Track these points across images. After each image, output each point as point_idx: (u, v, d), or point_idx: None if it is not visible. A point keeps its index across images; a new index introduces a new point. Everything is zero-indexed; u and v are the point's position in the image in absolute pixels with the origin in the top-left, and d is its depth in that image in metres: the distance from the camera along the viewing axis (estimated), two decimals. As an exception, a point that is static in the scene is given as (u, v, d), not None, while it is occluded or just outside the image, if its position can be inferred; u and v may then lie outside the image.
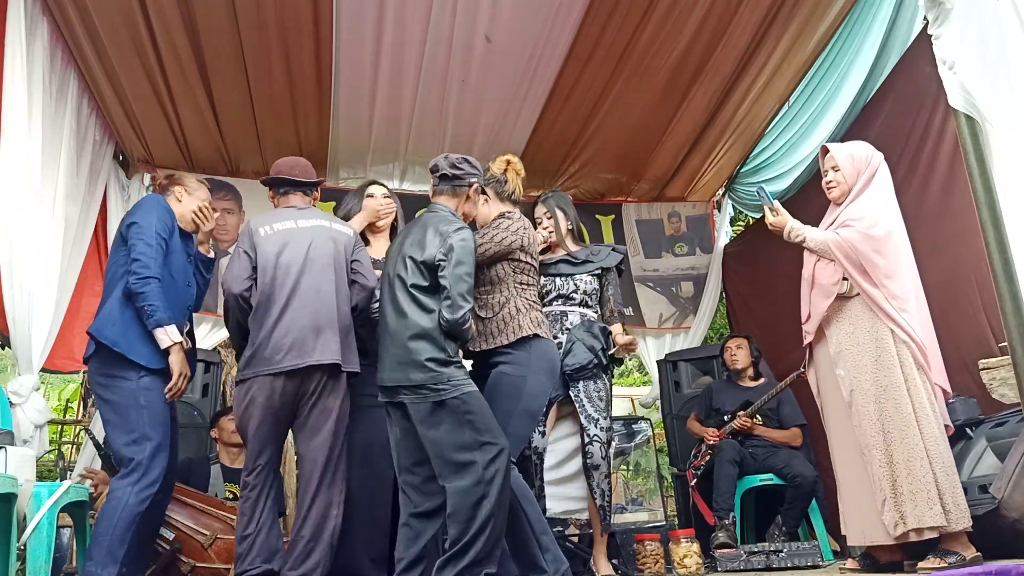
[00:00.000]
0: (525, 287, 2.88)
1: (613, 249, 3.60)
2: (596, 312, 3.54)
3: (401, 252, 2.66)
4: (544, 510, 3.24)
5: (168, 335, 2.73)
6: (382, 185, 3.43)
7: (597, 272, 3.50)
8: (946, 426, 2.81)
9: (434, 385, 2.47)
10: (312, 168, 3.23)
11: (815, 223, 3.03)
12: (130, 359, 2.71)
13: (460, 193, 2.79)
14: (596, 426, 3.32)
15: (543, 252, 3.52)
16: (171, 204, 3.04)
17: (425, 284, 2.56)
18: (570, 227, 3.59)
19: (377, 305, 2.78)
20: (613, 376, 3.56)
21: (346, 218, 3.27)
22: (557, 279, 3.48)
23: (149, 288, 2.70)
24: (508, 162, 3.08)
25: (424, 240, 2.61)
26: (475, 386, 2.55)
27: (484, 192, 3.00)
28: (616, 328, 3.45)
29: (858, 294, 2.81)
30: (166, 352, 2.74)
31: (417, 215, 3.21)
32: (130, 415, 2.70)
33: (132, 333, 2.73)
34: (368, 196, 3.33)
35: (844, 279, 2.83)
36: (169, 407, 2.82)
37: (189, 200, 3.11)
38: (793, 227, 2.97)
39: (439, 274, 2.55)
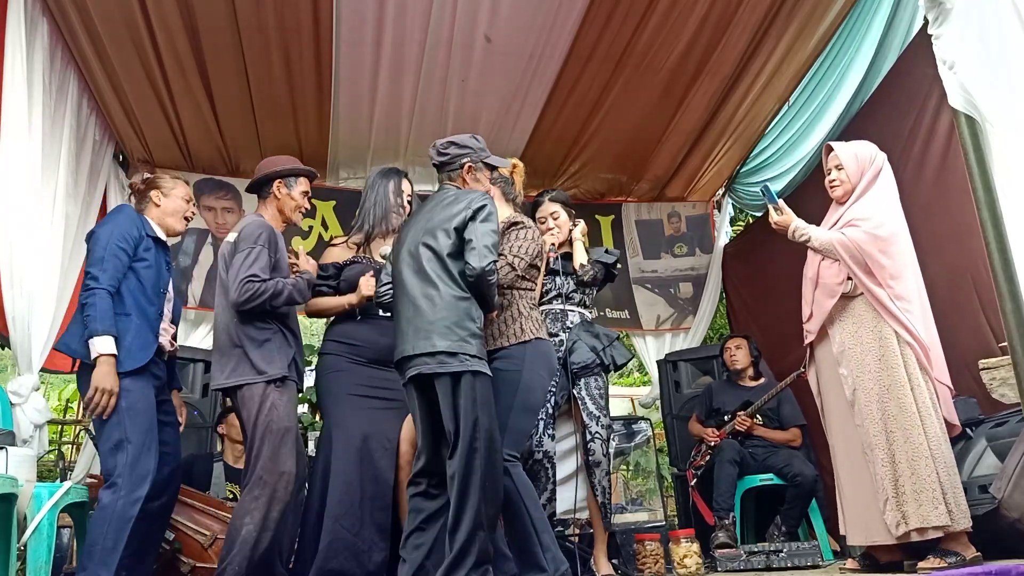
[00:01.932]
0: (526, 291, 2.90)
1: (607, 251, 3.68)
2: (592, 312, 3.58)
3: (429, 224, 2.66)
4: (554, 513, 3.25)
5: (96, 346, 2.68)
6: (410, 183, 3.37)
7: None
8: (953, 425, 2.81)
9: (458, 352, 2.48)
10: (269, 162, 3.14)
11: (814, 222, 3.03)
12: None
13: (456, 176, 2.83)
14: (597, 423, 3.33)
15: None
16: (150, 211, 3.02)
17: (457, 251, 2.59)
18: (571, 227, 3.64)
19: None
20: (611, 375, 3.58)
21: (366, 218, 3.22)
22: (557, 278, 3.49)
23: (92, 299, 2.71)
24: (514, 165, 3.12)
25: (452, 210, 2.64)
26: (489, 371, 2.56)
27: (489, 190, 3.02)
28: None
29: (861, 293, 2.81)
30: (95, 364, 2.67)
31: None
32: (110, 419, 2.68)
33: None
34: (402, 190, 3.26)
35: (848, 279, 2.83)
36: (156, 409, 2.80)
37: (168, 201, 3.05)
38: (798, 226, 2.97)
39: (465, 232, 2.58)
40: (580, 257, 3.51)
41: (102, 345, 2.68)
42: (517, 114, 4.87)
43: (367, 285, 3.05)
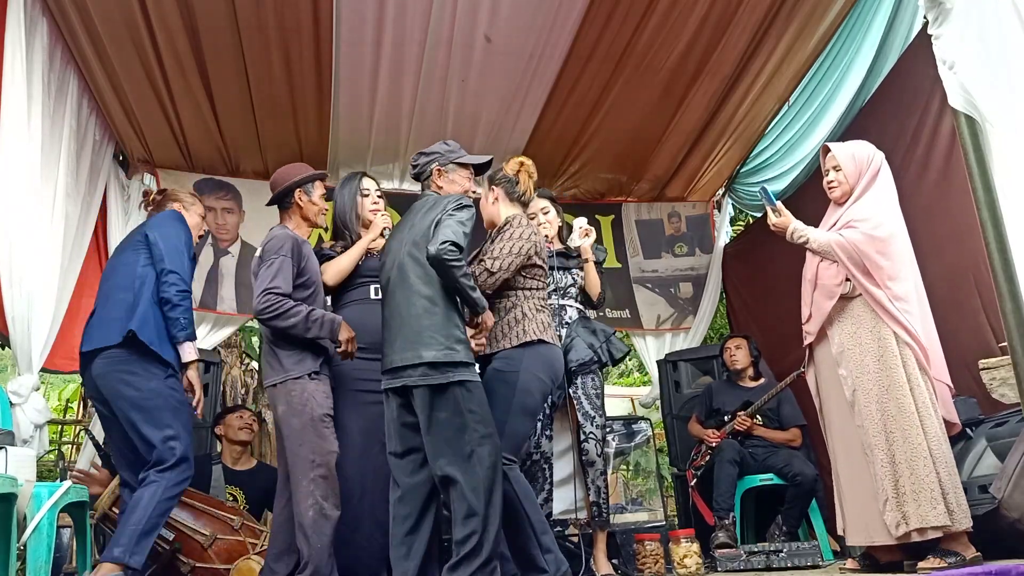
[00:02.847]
0: (534, 291, 2.87)
1: (596, 247, 3.69)
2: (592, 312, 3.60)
3: (412, 234, 2.68)
4: (550, 513, 3.25)
5: (193, 350, 2.90)
6: (372, 179, 3.40)
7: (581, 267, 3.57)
8: (952, 424, 2.81)
9: (444, 363, 2.49)
10: (285, 174, 3.17)
11: (814, 223, 3.03)
12: (163, 358, 2.83)
13: (429, 182, 2.88)
14: (592, 424, 3.33)
15: None
16: None
17: None
18: (560, 224, 3.67)
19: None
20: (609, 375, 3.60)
21: (343, 226, 3.25)
22: (555, 272, 3.48)
23: (186, 303, 2.89)
24: (521, 164, 3.08)
25: (430, 217, 2.66)
26: (478, 376, 2.57)
27: (492, 189, 3.03)
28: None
29: (860, 294, 2.81)
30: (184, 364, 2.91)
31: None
32: (164, 413, 2.81)
33: (164, 335, 2.87)
34: (364, 194, 3.29)
35: (847, 280, 2.83)
36: None
37: (188, 216, 3.16)
38: (796, 228, 2.97)
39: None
40: (595, 284, 3.54)
41: (195, 350, 2.94)
42: (517, 114, 4.87)
43: (383, 220, 3.19)
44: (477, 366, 2.67)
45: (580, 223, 3.63)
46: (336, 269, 3.13)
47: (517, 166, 3.07)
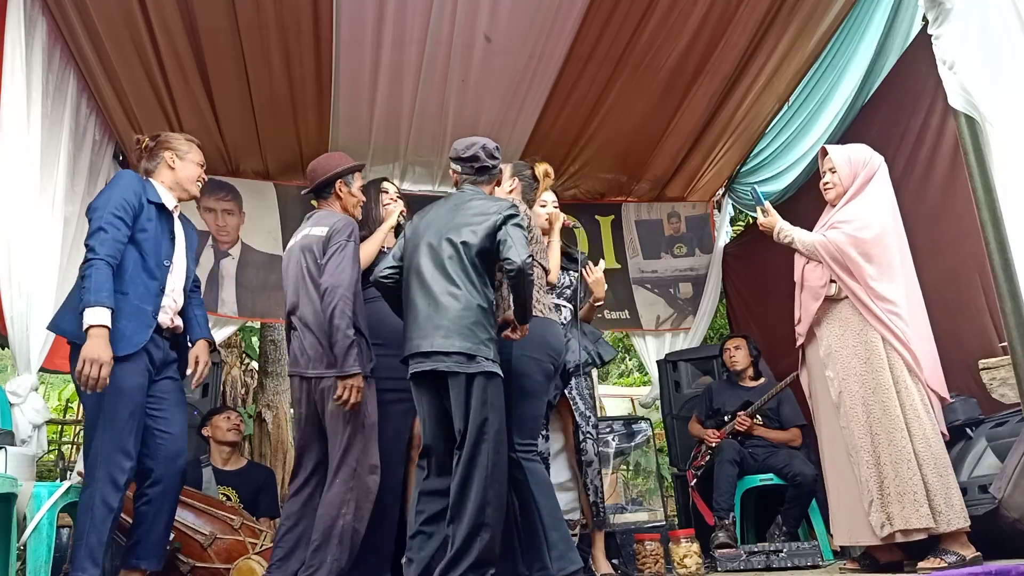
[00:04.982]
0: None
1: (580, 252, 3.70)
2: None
3: (455, 221, 2.66)
4: None
5: (87, 318, 2.46)
6: (392, 183, 3.45)
7: (578, 271, 3.56)
8: (941, 433, 2.78)
9: (475, 354, 2.49)
10: (325, 164, 3.14)
11: (814, 223, 3.03)
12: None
13: (494, 180, 2.89)
14: (588, 423, 3.35)
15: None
16: (160, 174, 2.87)
17: (482, 253, 2.60)
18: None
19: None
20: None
21: (365, 223, 3.26)
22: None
23: (89, 270, 2.51)
24: (547, 174, 3.23)
25: (483, 210, 2.65)
26: (500, 372, 2.57)
27: (514, 178, 3.12)
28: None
29: (847, 296, 2.82)
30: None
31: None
32: (92, 403, 2.55)
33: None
34: (383, 191, 3.34)
35: (832, 281, 2.83)
36: (144, 392, 2.65)
37: (183, 165, 2.91)
38: (782, 228, 2.98)
39: (499, 234, 2.59)
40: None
41: (93, 316, 2.46)
42: (517, 114, 4.87)
43: (397, 207, 3.26)
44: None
45: (599, 269, 3.56)
46: (363, 253, 3.10)
47: (543, 174, 3.19)
